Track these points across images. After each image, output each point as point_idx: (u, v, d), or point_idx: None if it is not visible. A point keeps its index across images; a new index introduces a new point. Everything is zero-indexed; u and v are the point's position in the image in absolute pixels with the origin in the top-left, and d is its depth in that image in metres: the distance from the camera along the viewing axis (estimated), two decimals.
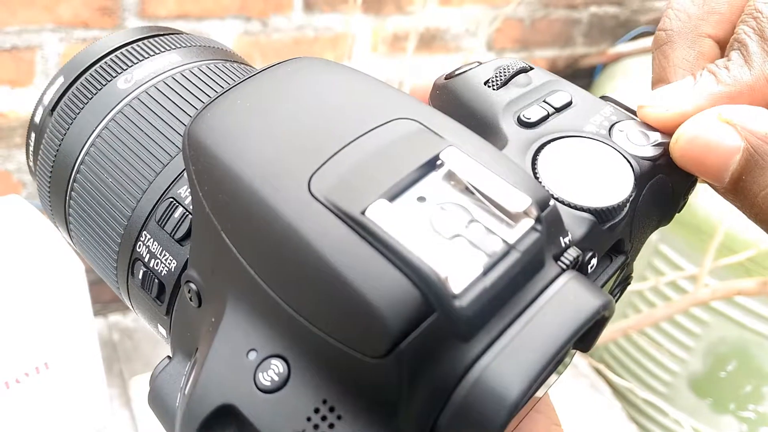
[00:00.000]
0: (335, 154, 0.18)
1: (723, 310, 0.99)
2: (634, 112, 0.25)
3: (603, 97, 0.26)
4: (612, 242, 0.23)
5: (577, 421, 1.08)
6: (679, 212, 0.26)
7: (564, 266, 0.19)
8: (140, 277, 0.25)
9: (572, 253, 0.19)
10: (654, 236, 1.05)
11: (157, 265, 0.25)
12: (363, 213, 0.17)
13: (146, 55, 0.29)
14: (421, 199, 0.18)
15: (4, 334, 0.71)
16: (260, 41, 1.03)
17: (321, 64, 0.22)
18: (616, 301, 0.24)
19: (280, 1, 1.02)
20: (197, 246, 0.21)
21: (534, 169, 0.22)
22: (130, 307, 0.28)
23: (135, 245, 0.26)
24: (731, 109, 0.22)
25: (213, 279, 0.20)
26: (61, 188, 0.29)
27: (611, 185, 0.22)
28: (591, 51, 1.37)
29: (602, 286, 0.23)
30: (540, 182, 0.22)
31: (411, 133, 0.19)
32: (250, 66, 0.31)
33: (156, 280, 0.25)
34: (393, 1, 1.11)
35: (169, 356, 0.23)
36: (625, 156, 0.23)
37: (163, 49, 0.29)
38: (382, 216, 0.17)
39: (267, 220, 0.18)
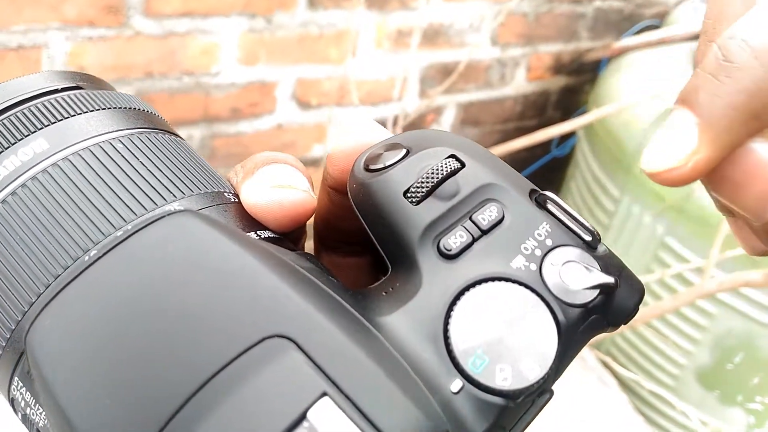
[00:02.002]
0: (187, 402, 0.16)
1: (730, 302, 0.99)
2: (574, 219, 0.22)
3: (541, 198, 0.22)
4: (531, 401, 0.21)
5: (584, 414, 1.08)
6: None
7: None
8: (20, 417, 0.23)
9: None
10: (660, 229, 1.05)
11: (33, 415, 0.22)
12: None
13: (9, 143, 0.23)
14: None
15: None
16: (264, 38, 1.04)
17: (188, 237, 0.19)
18: None
19: None
20: None
21: (447, 328, 0.19)
22: None
23: (10, 387, 0.22)
24: None
25: None
26: None
27: (532, 355, 0.19)
28: (596, 45, 1.37)
29: (524, 429, 0.21)
30: (450, 350, 0.19)
31: (280, 368, 0.17)
32: (146, 131, 0.25)
33: (35, 428, 0.22)
34: None
35: None
36: (552, 309, 0.20)
37: (28, 131, 0.23)
38: None
39: None
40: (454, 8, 1.18)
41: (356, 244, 0.25)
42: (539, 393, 0.20)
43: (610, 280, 0.21)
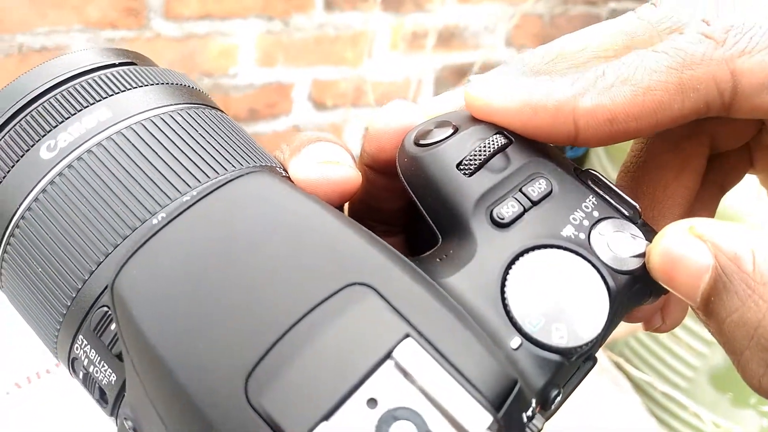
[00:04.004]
0: (277, 341, 0.17)
1: None
2: (616, 195, 0.23)
3: (586, 172, 0.24)
4: (579, 363, 0.22)
5: (596, 415, 1.08)
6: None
7: None
8: (81, 377, 0.23)
9: (533, 428, 0.19)
10: None
11: (96, 373, 0.22)
12: None
13: (71, 112, 0.24)
14: (372, 402, 0.16)
15: (20, 334, 0.72)
16: (282, 40, 1.05)
17: (267, 193, 0.20)
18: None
19: (301, 0, 1.03)
20: (131, 393, 0.19)
21: (503, 290, 0.20)
22: None
23: (72, 346, 0.23)
24: (704, 222, 0.20)
25: None
26: None
27: (585, 315, 0.20)
28: None
29: (569, 395, 0.22)
30: (508, 311, 0.20)
31: (364, 311, 0.17)
32: (201, 107, 0.26)
33: (97, 386, 0.23)
34: None
35: None
36: (603, 274, 0.21)
37: (91, 101, 0.24)
38: None
39: (200, 427, 0.16)
40: (468, 10, 1.19)
41: (389, 224, 0.26)
42: (586, 358, 0.22)
43: None
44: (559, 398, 0.20)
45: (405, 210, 0.27)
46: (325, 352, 0.17)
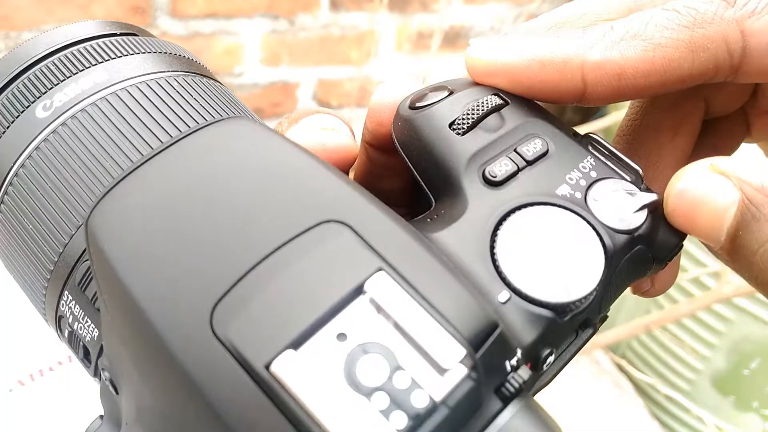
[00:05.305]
0: (246, 274, 0.16)
1: (746, 307, 0.98)
2: (618, 158, 0.22)
3: (587, 136, 0.23)
4: (575, 327, 0.21)
5: (599, 417, 1.08)
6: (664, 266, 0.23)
7: (507, 395, 0.17)
8: (66, 335, 0.23)
9: (517, 379, 0.17)
10: None
11: (80, 329, 0.22)
12: (268, 367, 0.15)
13: (67, 74, 0.24)
14: (342, 336, 0.16)
15: (23, 332, 0.73)
16: (287, 39, 1.05)
17: (245, 134, 0.20)
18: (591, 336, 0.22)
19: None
20: (107, 340, 0.19)
21: (493, 245, 0.20)
22: None
23: (59, 303, 0.23)
24: (724, 159, 0.20)
25: (123, 385, 0.19)
26: None
27: (578, 271, 0.19)
28: None
29: (566, 362, 0.21)
30: (497, 265, 0.19)
31: (337, 246, 0.17)
32: (198, 76, 0.26)
33: (81, 343, 0.23)
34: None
35: (101, 415, 0.21)
36: (599, 232, 0.20)
37: (87, 65, 0.25)
38: (289, 371, 0.15)
39: (165, 360, 0.16)
40: (474, 10, 1.19)
41: (393, 205, 0.26)
42: (583, 324, 0.21)
43: (654, 196, 0.21)
44: (551, 359, 0.19)
45: (408, 190, 0.27)
46: (295, 285, 0.16)
